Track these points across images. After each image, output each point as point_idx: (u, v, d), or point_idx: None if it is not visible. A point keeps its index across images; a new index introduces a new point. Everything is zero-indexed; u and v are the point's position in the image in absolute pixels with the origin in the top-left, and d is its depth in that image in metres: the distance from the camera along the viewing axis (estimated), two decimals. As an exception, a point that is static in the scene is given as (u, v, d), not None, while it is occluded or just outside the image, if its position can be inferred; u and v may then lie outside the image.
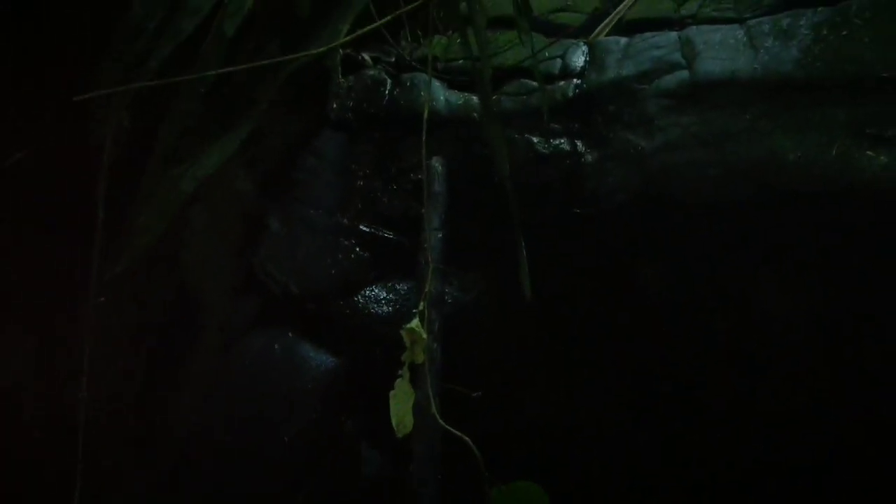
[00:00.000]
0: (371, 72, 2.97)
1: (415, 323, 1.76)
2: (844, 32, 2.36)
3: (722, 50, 2.49)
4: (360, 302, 2.80)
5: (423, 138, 2.11)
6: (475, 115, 2.77)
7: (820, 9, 2.45)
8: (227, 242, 2.63)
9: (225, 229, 2.62)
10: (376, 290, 2.82)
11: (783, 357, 2.60)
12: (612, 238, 2.66)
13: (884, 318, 2.42)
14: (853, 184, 2.24)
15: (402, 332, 1.79)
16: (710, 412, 2.75)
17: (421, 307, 1.80)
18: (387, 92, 2.92)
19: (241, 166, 2.53)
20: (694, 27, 2.59)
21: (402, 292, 2.80)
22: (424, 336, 1.75)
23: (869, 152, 2.24)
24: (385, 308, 2.79)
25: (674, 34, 2.61)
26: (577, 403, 2.87)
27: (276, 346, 2.74)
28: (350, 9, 1.52)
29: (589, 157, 2.63)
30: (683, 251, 2.59)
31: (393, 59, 3.07)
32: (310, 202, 2.88)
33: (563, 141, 2.67)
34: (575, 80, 2.70)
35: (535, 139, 2.68)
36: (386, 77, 2.95)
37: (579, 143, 2.65)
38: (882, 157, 2.22)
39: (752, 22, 2.52)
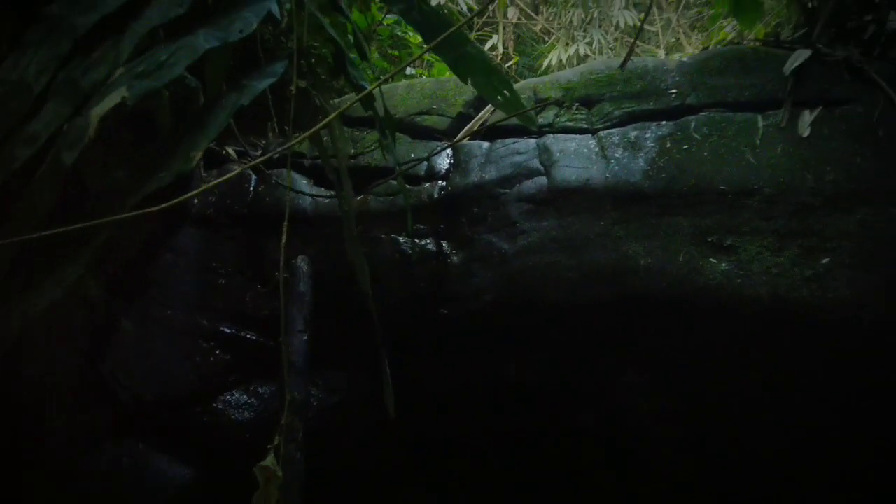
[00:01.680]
0: (235, 167, 2.90)
1: (269, 460, 1.67)
2: (686, 146, 2.55)
3: (577, 159, 2.61)
4: (219, 408, 2.67)
5: (284, 238, 2.05)
6: (336, 214, 2.75)
7: (664, 123, 2.64)
8: (72, 350, 2.44)
9: (70, 335, 2.43)
10: (237, 395, 2.69)
11: (648, 448, 2.69)
12: (480, 337, 2.68)
13: (736, 415, 2.55)
14: (698, 289, 2.38)
15: (256, 471, 1.69)
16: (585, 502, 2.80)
17: (276, 441, 1.71)
18: (251, 188, 2.85)
19: (88, 267, 2.36)
20: (551, 136, 2.71)
21: (265, 396, 2.69)
22: (280, 474, 1.66)
23: (711, 259, 2.40)
24: (246, 414, 2.66)
25: (533, 141, 2.72)
26: (452, 500, 2.84)
27: (127, 460, 2.54)
28: (206, 131, 1.47)
29: (455, 259, 2.66)
30: (551, 350, 2.64)
31: (258, 154, 3.02)
32: (167, 302, 2.73)
33: (429, 241, 2.69)
34: (440, 181, 2.75)
35: (401, 239, 2.69)
36: (251, 173, 2.89)
37: (445, 245, 2.68)
38: (722, 265, 2.38)
39: (603, 133, 2.66)
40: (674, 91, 2.69)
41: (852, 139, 2.41)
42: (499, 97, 1.76)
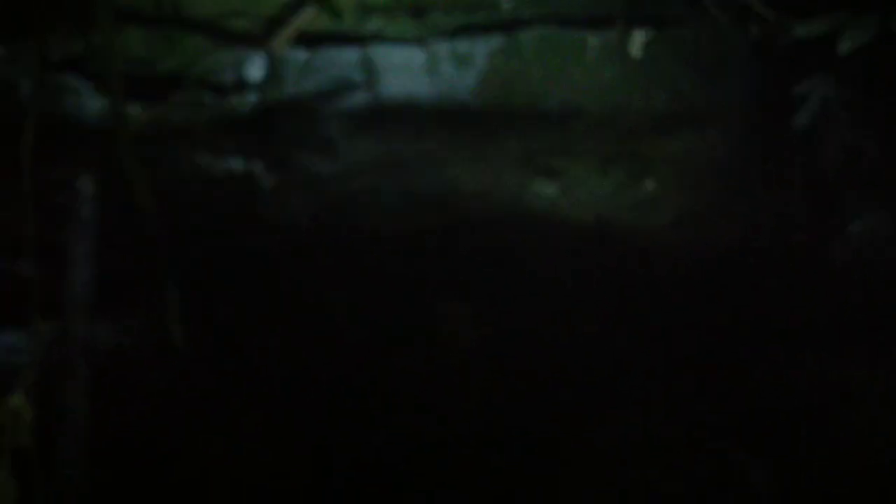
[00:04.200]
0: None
1: (17, 398, 1.42)
2: (516, 64, 2.42)
3: (403, 73, 2.43)
4: (-13, 352, 2.32)
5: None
6: (133, 129, 2.42)
7: (495, 37, 2.49)
8: None
9: None
10: (9, 337, 2.36)
11: (471, 382, 2.64)
12: (296, 268, 2.49)
13: (560, 341, 2.54)
14: (525, 213, 2.32)
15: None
16: (401, 434, 2.72)
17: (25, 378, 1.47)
18: (21, 95, 2.44)
19: None
20: (376, 46, 2.49)
21: (45, 337, 2.36)
22: (30, 415, 1.43)
23: (538, 182, 2.33)
24: (23, 357, 2.33)
25: (356, 52, 2.49)
26: (265, 443, 2.68)
27: None
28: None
29: (267, 182, 2.42)
30: (372, 281, 2.50)
31: (35, 57, 2.58)
32: (-84, 230, 2.32)
33: (237, 161, 2.43)
34: (251, 94, 2.47)
35: (205, 158, 2.41)
36: (20, 77, 2.47)
37: (256, 165, 2.43)
38: (549, 188, 2.32)
39: (431, 46, 2.48)
40: (507, 3, 2.54)
41: (680, 62, 2.39)
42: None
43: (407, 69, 2.44)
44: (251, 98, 2.47)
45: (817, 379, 2.46)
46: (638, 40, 2.44)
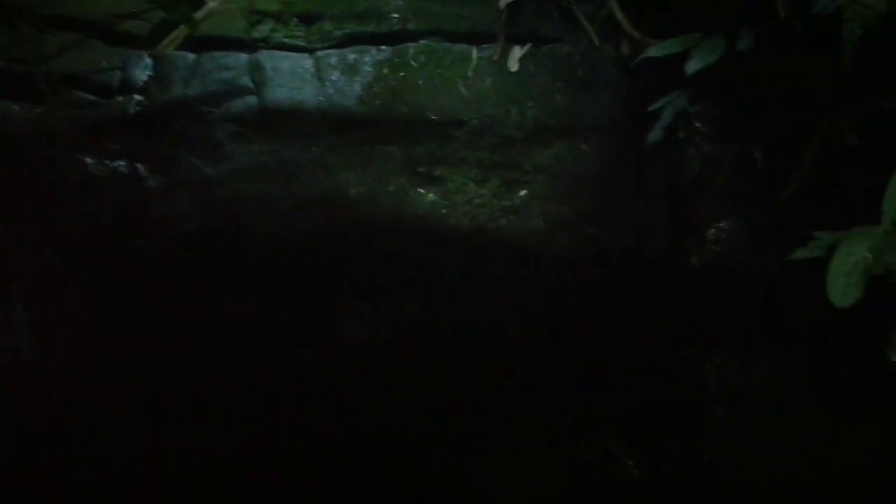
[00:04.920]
0: None
1: None
2: (402, 73, 2.50)
3: (290, 79, 2.46)
4: None
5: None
6: (15, 130, 2.37)
7: (383, 48, 2.56)
8: None
9: None
10: None
11: (363, 375, 2.68)
12: (184, 270, 2.49)
13: (448, 337, 2.62)
14: (407, 218, 2.40)
15: None
16: (304, 429, 2.75)
17: None
18: None
19: None
20: (265, 52, 2.52)
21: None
22: None
23: (420, 189, 2.41)
24: None
25: (244, 56, 2.51)
26: (156, 444, 2.65)
27: None
28: None
29: (152, 183, 2.42)
30: (265, 282, 2.54)
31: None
32: None
33: (122, 163, 2.41)
34: (137, 95, 2.45)
35: (88, 160, 2.39)
36: None
37: (141, 167, 2.42)
38: (430, 195, 2.41)
39: (320, 53, 2.53)
40: (396, 15, 2.62)
41: (555, 77, 2.51)
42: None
43: (295, 75, 2.47)
44: (137, 99, 2.45)
45: (692, 378, 2.58)
46: (516, 55, 2.56)
